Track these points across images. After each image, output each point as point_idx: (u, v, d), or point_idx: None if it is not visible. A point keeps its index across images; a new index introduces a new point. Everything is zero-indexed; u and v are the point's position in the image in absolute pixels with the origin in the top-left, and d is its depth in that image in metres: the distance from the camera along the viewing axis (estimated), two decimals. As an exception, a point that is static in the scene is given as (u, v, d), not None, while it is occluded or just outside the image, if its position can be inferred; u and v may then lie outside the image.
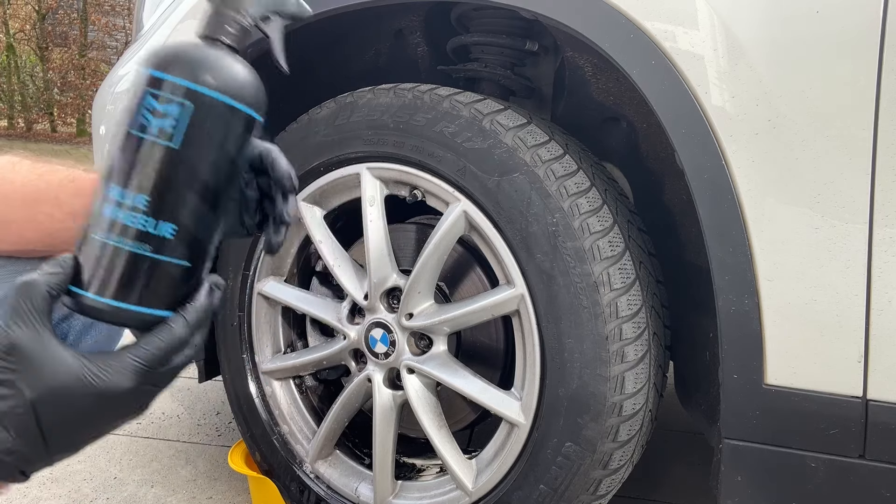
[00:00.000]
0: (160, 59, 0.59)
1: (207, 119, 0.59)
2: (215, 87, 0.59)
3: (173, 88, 0.58)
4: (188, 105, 0.58)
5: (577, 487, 1.04)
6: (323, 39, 1.34)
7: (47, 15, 16.68)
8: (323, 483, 1.29)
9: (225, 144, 0.61)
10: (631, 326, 1.00)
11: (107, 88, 1.45)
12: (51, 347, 0.54)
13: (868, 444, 0.86)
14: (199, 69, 0.59)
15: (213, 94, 0.59)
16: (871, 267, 0.84)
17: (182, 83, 0.58)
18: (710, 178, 0.88)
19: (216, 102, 0.59)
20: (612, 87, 1.24)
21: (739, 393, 0.90)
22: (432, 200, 1.14)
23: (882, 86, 0.81)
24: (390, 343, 1.16)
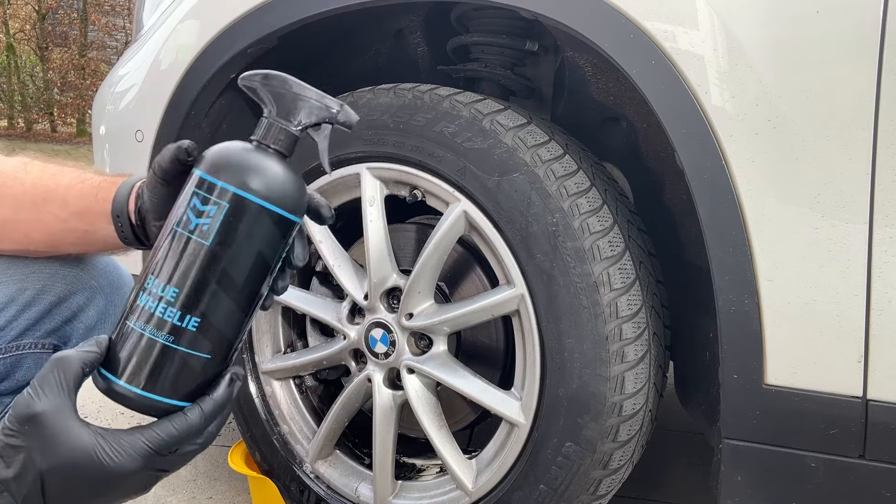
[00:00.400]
0: (209, 161, 0.63)
1: (245, 221, 0.61)
2: (256, 193, 0.61)
3: (217, 191, 0.61)
4: (228, 207, 0.61)
5: (577, 487, 1.04)
6: (323, 39, 1.34)
7: (47, 15, 16.68)
8: (323, 483, 1.29)
9: (260, 247, 0.63)
10: (631, 326, 1.00)
11: (107, 88, 1.45)
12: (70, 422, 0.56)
13: (868, 444, 0.86)
14: (244, 174, 0.62)
15: (254, 199, 0.61)
16: (871, 267, 0.84)
17: (225, 187, 0.61)
18: (710, 178, 0.88)
19: (255, 206, 0.61)
20: (612, 87, 1.24)
21: (739, 393, 0.90)
22: (432, 200, 1.14)
23: (882, 86, 0.81)
24: (390, 343, 1.16)
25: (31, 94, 17.34)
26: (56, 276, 0.84)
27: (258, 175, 0.62)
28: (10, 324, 0.80)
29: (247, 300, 0.64)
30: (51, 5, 16.49)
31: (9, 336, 0.80)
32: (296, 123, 0.64)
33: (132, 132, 1.34)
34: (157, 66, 1.32)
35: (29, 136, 15.42)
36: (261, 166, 0.62)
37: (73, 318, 0.85)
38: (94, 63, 16.62)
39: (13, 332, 0.81)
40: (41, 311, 0.82)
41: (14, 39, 16.53)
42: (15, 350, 0.81)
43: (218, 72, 1.23)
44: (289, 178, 0.63)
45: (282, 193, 0.62)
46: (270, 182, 0.62)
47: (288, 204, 0.63)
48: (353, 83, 1.27)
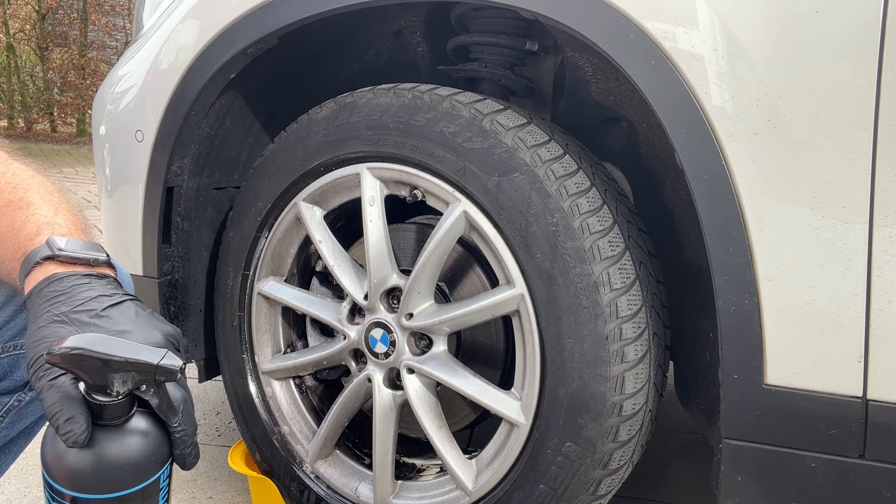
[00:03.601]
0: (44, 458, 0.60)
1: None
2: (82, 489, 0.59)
3: (52, 488, 0.59)
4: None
5: (577, 487, 1.04)
6: (323, 39, 1.34)
7: (47, 15, 16.66)
8: (323, 483, 1.29)
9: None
10: (631, 326, 1.00)
11: (107, 88, 1.45)
12: None
13: (868, 444, 0.86)
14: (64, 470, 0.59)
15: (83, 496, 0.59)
16: (871, 267, 0.84)
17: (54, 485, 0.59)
18: (710, 178, 0.88)
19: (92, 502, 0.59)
20: (612, 87, 1.24)
21: (739, 393, 0.90)
22: (432, 200, 1.14)
23: (882, 86, 0.81)
24: (390, 343, 1.16)
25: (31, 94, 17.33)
26: None
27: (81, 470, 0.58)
28: (7, 323, 0.80)
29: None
30: (51, 5, 16.48)
31: (6, 336, 0.80)
32: (114, 394, 0.59)
33: (132, 132, 1.34)
34: (157, 66, 1.32)
35: (29, 136, 15.42)
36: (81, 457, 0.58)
37: None
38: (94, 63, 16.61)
39: (11, 332, 0.80)
40: None
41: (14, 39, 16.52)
42: (13, 350, 0.81)
43: (218, 72, 1.23)
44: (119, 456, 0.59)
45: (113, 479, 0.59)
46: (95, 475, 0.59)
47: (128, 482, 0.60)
48: (353, 83, 1.27)
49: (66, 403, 0.57)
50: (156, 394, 0.61)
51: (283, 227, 1.28)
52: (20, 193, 0.74)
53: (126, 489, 0.60)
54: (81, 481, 0.59)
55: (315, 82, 1.43)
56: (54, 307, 0.63)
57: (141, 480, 0.61)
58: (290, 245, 1.30)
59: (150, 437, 0.61)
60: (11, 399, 0.84)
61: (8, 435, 0.87)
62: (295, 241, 1.30)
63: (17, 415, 0.85)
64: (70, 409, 0.57)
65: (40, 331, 0.61)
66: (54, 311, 0.63)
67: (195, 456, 0.64)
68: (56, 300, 0.63)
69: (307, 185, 1.23)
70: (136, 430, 0.61)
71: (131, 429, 0.61)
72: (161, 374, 0.58)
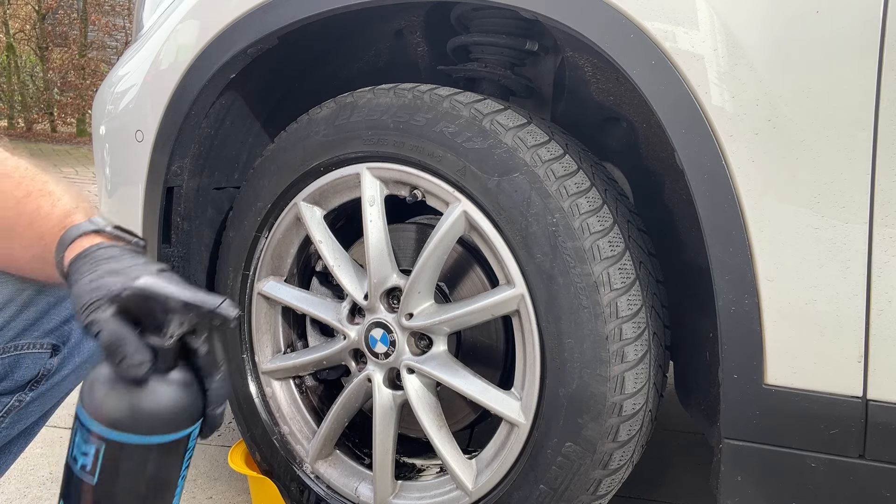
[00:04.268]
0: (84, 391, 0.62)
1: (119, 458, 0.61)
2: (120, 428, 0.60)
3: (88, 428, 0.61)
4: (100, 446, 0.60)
5: (577, 487, 1.04)
6: (323, 39, 1.34)
7: (47, 15, 16.66)
8: (323, 483, 1.29)
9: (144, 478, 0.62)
10: (631, 326, 1.00)
11: (107, 88, 1.45)
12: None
13: (868, 444, 0.86)
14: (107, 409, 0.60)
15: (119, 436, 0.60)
16: (871, 267, 0.84)
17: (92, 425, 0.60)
18: (710, 178, 0.88)
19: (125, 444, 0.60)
20: (612, 87, 1.24)
21: (739, 393, 0.90)
22: (432, 200, 1.14)
23: (882, 86, 0.81)
24: (390, 343, 1.16)
25: (31, 94, 17.32)
26: None
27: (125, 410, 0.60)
28: (8, 324, 0.80)
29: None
30: (51, 5, 16.48)
31: (7, 336, 0.80)
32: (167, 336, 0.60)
33: (132, 132, 1.34)
34: (157, 66, 1.32)
35: (29, 136, 15.42)
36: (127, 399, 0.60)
37: (71, 318, 0.85)
38: (94, 63, 16.61)
39: (11, 332, 0.81)
40: (39, 311, 0.82)
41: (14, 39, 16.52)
42: (13, 350, 0.81)
43: (218, 72, 1.23)
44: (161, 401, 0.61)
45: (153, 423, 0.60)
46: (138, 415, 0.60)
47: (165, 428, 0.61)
48: (353, 83, 1.27)
49: (128, 340, 0.59)
50: (206, 340, 0.62)
51: (283, 227, 1.28)
52: (39, 185, 0.76)
53: (164, 435, 0.61)
54: (123, 421, 0.60)
55: (315, 82, 1.43)
56: (107, 265, 0.65)
57: (177, 430, 0.62)
58: (290, 245, 1.30)
59: (191, 389, 0.63)
60: (12, 399, 0.84)
61: (8, 435, 0.87)
62: (295, 241, 1.30)
63: (17, 415, 0.86)
64: (133, 344, 0.59)
65: (94, 281, 0.63)
66: (106, 267, 0.65)
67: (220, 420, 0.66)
68: (109, 260, 0.66)
69: (307, 185, 1.23)
70: (179, 380, 0.62)
71: (175, 378, 0.62)
72: (217, 319, 0.60)
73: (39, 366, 0.84)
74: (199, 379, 0.64)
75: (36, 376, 0.84)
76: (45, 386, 0.86)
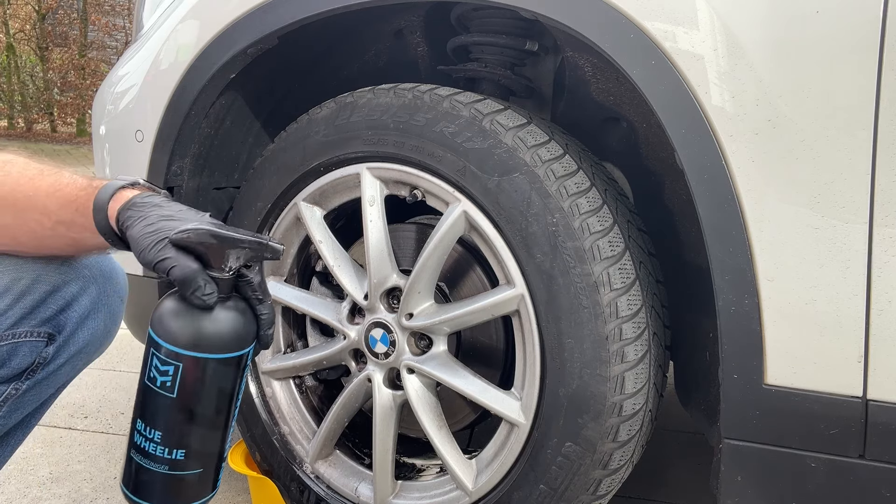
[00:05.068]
0: (156, 322, 0.72)
1: (195, 373, 0.71)
2: (196, 348, 0.71)
3: (166, 351, 0.71)
4: (178, 364, 0.71)
5: (577, 487, 1.04)
6: (323, 39, 1.34)
7: (47, 15, 16.66)
8: (323, 483, 1.29)
9: (215, 388, 0.73)
10: (631, 326, 1.00)
11: (107, 88, 1.45)
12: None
13: (868, 444, 0.86)
14: (183, 333, 0.71)
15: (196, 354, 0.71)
16: (871, 267, 0.84)
17: (170, 348, 0.71)
18: (710, 178, 0.88)
19: (200, 360, 0.71)
20: (612, 87, 1.24)
21: (739, 393, 0.90)
22: (432, 200, 1.14)
23: (882, 86, 0.81)
24: (390, 343, 1.16)
25: (31, 94, 17.32)
26: (50, 265, 0.85)
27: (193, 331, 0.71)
28: (5, 312, 0.81)
29: (222, 423, 0.75)
30: (51, 5, 16.48)
31: (4, 324, 0.81)
32: (228, 270, 0.71)
33: (132, 132, 1.34)
34: (157, 66, 1.32)
35: (29, 136, 15.42)
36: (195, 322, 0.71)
37: (68, 307, 0.86)
38: (94, 63, 16.61)
39: (8, 321, 0.81)
40: (36, 299, 0.83)
41: (14, 39, 16.51)
42: (10, 338, 0.82)
43: (218, 72, 1.23)
44: (226, 324, 0.72)
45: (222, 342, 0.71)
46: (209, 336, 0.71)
47: (231, 347, 0.72)
48: (353, 83, 1.27)
49: (199, 274, 0.69)
50: (259, 271, 0.74)
51: (283, 227, 1.28)
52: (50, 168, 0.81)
53: (231, 352, 0.72)
54: (199, 342, 0.71)
55: (315, 82, 1.43)
56: (158, 210, 0.73)
57: (240, 347, 0.73)
58: (290, 245, 1.30)
59: (246, 313, 0.74)
60: (8, 388, 0.85)
61: (6, 425, 0.87)
62: (295, 241, 1.30)
63: (14, 403, 0.86)
64: (202, 276, 0.69)
65: (152, 225, 0.71)
66: (159, 213, 0.73)
67: (272, 340, 0.78)
68: (156, 207, 0.74)
69: (307, 185, 1.23)
70: (237, 306, 0.74)
71: (234, 305, 0.73)
72: (269, 251, 0.72)
73: (35, 354, 0.85)
74: (251, 306, 0.75)
75: (32, 365, 0.85)
76: (42, 374, 0.87)
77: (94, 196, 0.76)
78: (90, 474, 1.57)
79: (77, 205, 0.77)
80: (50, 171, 0.80)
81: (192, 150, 1.33)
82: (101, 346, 0.93)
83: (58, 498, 1.47)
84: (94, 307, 0.89)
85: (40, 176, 0.79)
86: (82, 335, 0.88)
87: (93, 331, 0.89)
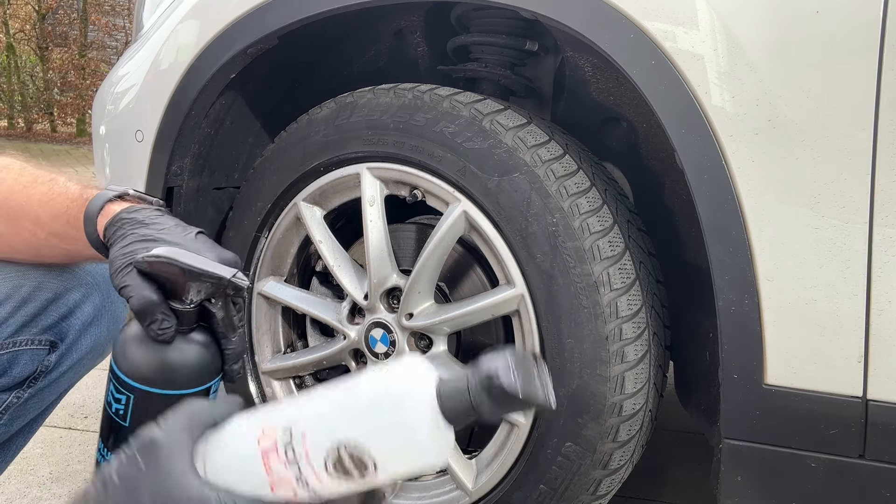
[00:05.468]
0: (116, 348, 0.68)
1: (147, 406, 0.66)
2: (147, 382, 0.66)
3: (119, 380, 0.67)
4: (129, 395, 0.67)
5: (577, 487, 1.04)
6: (323, 39, 1.34)
7: (47, 15, 16.67)
8: (323, 483, 1.29)
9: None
10: (631, 326, 1.00)
11: (107, 88, 1.45)
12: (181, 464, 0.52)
13: (868, 444, 0.86)
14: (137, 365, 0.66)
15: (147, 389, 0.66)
16: (871, 267, 0.84)
17: (123, 378, 0.67)
18: (710, 178, 0.88)
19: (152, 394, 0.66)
20: (612, 87, 1.24)
21: (739, 393, 0.90)
22: (432, 200, 1.14)
23: (882, 86, 0.81)
24: (390, 343, 1.16)
25: (31, 94, 17.32)
26: (52, 272, 0.84)
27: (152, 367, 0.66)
28: (6, 320, 0.80)
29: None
30: (51, 5, 16.48)
31: (5, 332, 0.80)
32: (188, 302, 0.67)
33: (132, 132, 1.34)
34: (157, 66, 1.32)
35: (29, 136, 15.42)
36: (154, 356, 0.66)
37: (70, 315, 0.86)
38: (94, 63, 16.61)
39: (9, 329, 0.81)
40: (37, 307, 0.82)
41: (14, 39, 16.52)
42: (11, 346, 0.81)
43: (218, 72, 1.23)
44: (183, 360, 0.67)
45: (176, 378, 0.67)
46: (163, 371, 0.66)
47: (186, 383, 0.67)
48: (353, 83, 1.27)
49: (157, 305, 0.65)
50: (223, 307, 0.68)
51: (283, 227, 1.28)
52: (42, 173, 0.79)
53: (187, 388, 0.67)
54: (151, 377, 0.66)
55: (315, 82, 1.43)
56: (139, 230, 0.70)
57: (198, 384, 0.68)
58: (290, 245, 1.30)
59: (210, 348, 0.69)
60: (10, 396, 0.84)
61: (7, 432, 0.87)
62: (295, 241, 1.30)
63: (15, 412, 0.86)
64: (161, 309, 0.65)
65: (128, 246, 0.69)
66: (140, 232, 0.70)
67: (238, 374, 0.72)
68: (140, 224, 0.71)
69: (307, 185, 1.23)
70: (199, 340, 0.69)
71: (195, 338, 0.68)
72: (231, 287, 0.67)
73: (37, 362, 0.84)
74: (217, 339, 0.70)
75: (34, 373, 0.85)
76: (43, 382, 0.86)
77: (84, 209, 0.74)
78: (90, 474, 1.57)
79: (68, 217, 0.75)
80: (44, 179, 0.78)
81: (193, 149, 1.33)
82: (103, 353, 0.92)
83: (58, 498, 1.47)
84: (96, 314, 0.88)
85: (34, 184, 0.78)
86: (85, 342, 0.88)
87: (95, 338, 0.89)
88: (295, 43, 1.25)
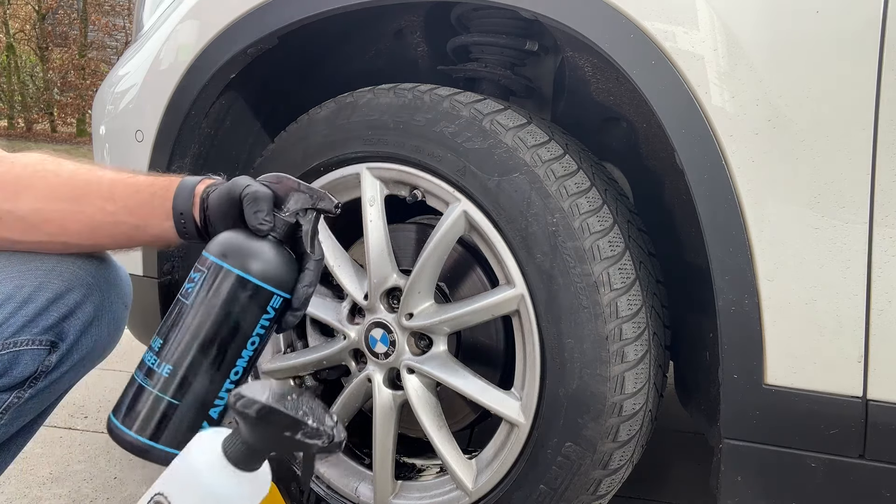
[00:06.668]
0: (212, 241, 0.75)
1: (216, 282, 0.72)
2: (225, 258, 0.72)
3: (201, 259, 0.73)
4: (204, 271, 0.72)
5: (577, 487, 1.04)
6: (323, 39, 1.34)
7: (47, 15, 16.67)
8: (323, 483, 1.29)
9: (227, 310, 0.72)
10: (631, 326, 1.00)
11: (107, 88, 1.45)
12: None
13: (868, 444, 0.86)
14: (222, 243, 0.73)
15: (223, 264, 0.72)
16: (871, 267, 0.84)
17: (205, 255, 0.73)
18: (710, 178, 0.88)
19: (224, 270, 0.72)
20: (612, 87, 1.24)
21: (739, 393, 0.90)
22: (432, 200, 1.14)
23: (882, 86, 0.81)
24: (390, 343, 1.16)
25: (31, 94, 17.33)
26: (53, 272, 0.84)
27: (238, 249, 0.73)
28: (7, 320, 0.80)
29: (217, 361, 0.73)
30: (51, 5, 16.49)
31: (6, 332, 0.80)
32: (287, 214, 0.76)
33: (132, 132, 1.34)
34: (157, 66, 1.32)
35: (29, 136, 15.42)
36: (244, 243, 0.73)
37: (70, 315, 0.85)
38: (94, 63, 16.62)
39: (10, 329, 0.81)
40: (38, 307, 0.82)
41: (14, 39, 16.52)
42: (12, 346, 0.81)
43: (218, 72, 1.23)
44: (266, 253, 0.73)
45: (254, 263, 0.72)
46: (244, 252, 0.72)
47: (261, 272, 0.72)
48: (353, 83, 1.27)
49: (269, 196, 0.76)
50: (311, 220, 0.78)
51: (283, 227, 1.27)
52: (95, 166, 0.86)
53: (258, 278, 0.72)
54: (231, 253, 0.73)
55: (315, 82, 1.43)
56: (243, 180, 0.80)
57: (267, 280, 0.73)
58: (290, 245, 1.30)
59: (290, 261, 0.76)
60: (10, 396, 0.84)
61: (7, 433, 0.87)
62: (295, 241, 1.30)
63: (16, 412, 0.85)
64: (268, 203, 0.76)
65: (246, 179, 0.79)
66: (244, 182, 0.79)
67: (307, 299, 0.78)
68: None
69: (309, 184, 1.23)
70: (285, 250, 0.76)
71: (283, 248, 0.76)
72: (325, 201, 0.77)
73: (38, 362, 0.84)
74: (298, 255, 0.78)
75: (34, 373, 0.84)
76: (44, 383, 0.86)
77: (178, 182, 0.82)
78: (90, 474, 1.57)
79: (156, 188, 0.81)
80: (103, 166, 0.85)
81: (192, 149, 1.33)
82: (104, 353, 0.92)
83: (58, 498, 1.47)
84: (97, 314, 0.88)
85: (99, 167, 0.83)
86: (85, 342, 0.88)
87: (96, 338, 0.89)
88: (295, 43, 1.25)
